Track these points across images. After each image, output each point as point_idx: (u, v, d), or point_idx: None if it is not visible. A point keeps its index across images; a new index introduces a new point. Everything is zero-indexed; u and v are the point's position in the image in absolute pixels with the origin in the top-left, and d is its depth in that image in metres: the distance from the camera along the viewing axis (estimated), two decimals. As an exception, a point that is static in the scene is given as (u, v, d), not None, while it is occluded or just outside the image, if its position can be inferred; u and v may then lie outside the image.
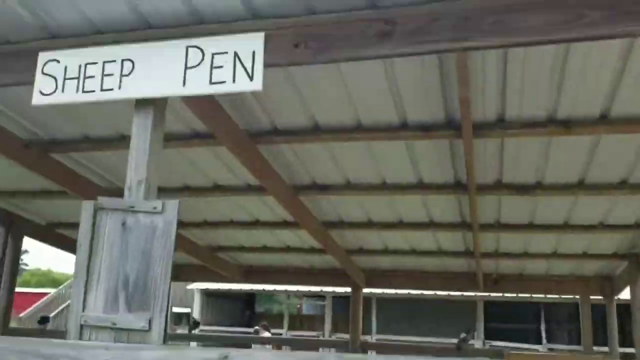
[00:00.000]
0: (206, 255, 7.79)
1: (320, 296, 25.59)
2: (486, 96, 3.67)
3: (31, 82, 3.13)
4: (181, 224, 6.73)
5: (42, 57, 3.13)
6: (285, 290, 23.41)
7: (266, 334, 15.32)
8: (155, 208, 2.75)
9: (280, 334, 22.18)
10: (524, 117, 3.86)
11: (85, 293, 2.66)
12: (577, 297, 8.36)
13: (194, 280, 12.14)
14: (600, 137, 4.03)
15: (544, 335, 19.34)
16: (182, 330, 22.17)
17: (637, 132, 3.87)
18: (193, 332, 15.01)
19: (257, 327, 16.68)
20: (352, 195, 5.44)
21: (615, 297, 7.89)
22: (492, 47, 2.76)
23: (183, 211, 6.46)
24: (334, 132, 4.23)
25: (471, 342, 16.33)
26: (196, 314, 23.61)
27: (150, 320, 2.55)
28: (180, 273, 8.72)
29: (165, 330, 2.56)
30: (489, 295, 18.28)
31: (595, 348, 8.46)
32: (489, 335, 19.61)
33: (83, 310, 2.63)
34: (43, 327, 10.54)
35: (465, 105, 3.44)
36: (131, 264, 2.67)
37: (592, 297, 8.03)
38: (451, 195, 5.29)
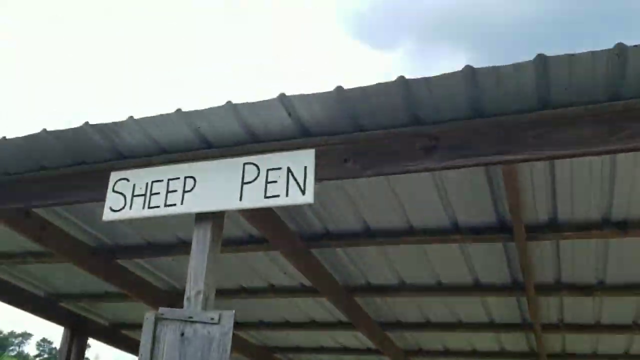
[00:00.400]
0: (262, 356, 7.73)
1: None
2: (537, 200, 3.69)
3: (103, 199, 3.42)
4: (237, 325, 6.80)
5: (114, 176, 3.44)
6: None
7: None
8: (212, 319, 2.87)
9: None
10: (577, 219, 3.83)
11: (144, 405, 2.75)
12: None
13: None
14: (660, 237, 3.92)
15: None
16: None
17: (700, 232, 3.75)
18: None
19: None
20: (408, 296, 5.40)
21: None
22: (533, 159, 2.84)
23: (240, 312, 6.54)
24: (386, 235, 4.30)
25: None
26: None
27: None
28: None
29: None
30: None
31: None
32: None
33: (141, 423, 2.70)
34: None
35: (516, 212, 3.47)
36: (188, 376, 2.75)
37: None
38: (510, 296, 5.16)
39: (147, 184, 3.35)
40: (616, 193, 3.52)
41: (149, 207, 3.28)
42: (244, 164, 3.22)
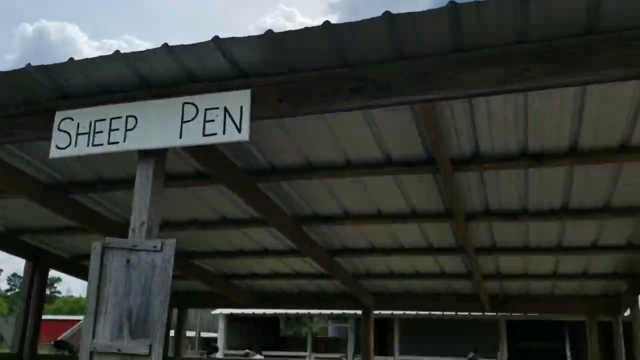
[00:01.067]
0: (220, 283, 8.16)
1: (344, 319, 25.74)
2: (459, 134, 3.99)
3: (49, 138, 3.58)
4: (194, 255, 7.16)
5: (58, 115, 3.58)
6: (308, 314, 23.67)
7: (257, 356, 17.02)
8: (155, 247, 3.14)
9: (304, 357, 22.51)
10: (497, 152, 4.16)
11: (95, 323, 3.05)
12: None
13: (211, 307, 12.51)
14: (573, 167, 4.30)
15: (568, 354, 19.19)
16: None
17: (607, 162, 4.13)
18: (211, 356, 15.55)
19: (247, 350, 18.02)
20: (352, 224, 5.77)
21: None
22: (448, 98, 3.12)
23: (195, 242, 6.89)
24: (327, 169, 4.59)
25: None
26: (221, 339, 23.96)
27: (150, 346, 2.92)
28: (197, 300, 9.10)
29: (165, 354, 2.93)
30: (511, 314, 18.30)
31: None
32: (513, 355, 19.52)
33: (93, 339, 3.01)
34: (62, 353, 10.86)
35: (437, 146, 3.77)
36: (134, 298, 3.05)
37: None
38: (444, 223, 5.57)
39: (90, 122, 3.51)
40: (530, 127, 3.83)
41: (93, 145, 3.46)
42: (184, 103, 3.40)
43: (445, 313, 18.89)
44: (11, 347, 7.30)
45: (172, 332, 9.87)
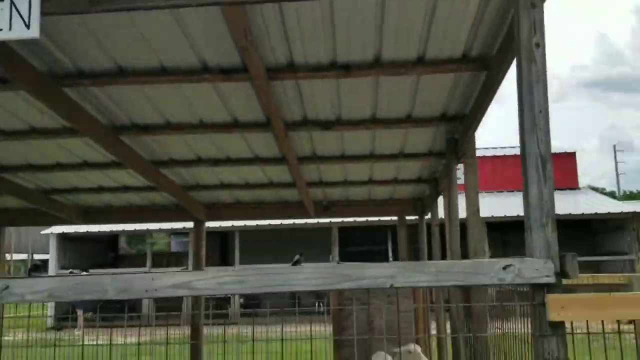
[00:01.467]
0: (39, 199, 7.67)
1: (185, 233, 25.76)
2: (272, 43, 4.04)
3: None
4: (4, 169, 6.61)
5: None
6: (147, 230, 23.31)
7: (83, 273, 19.04)
8: None
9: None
10: (309, 62, 4.30)
11: None
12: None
13: (32, 225, 11.70)
14: (378, 78, 4.60)
15: (390, 254, 21.36)
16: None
17: (406, 75, 4.48)
18: (33, 274, 14.99)
19: (71, 270, 19.47)
20: (174, 134, 5.68)
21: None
22: (250, 2, 3.11)
23: (3, 155, 6.35)
24: (140, 75, 4.41)
25: (303, 263, 18.01)
26: (52, 260, 22.83)
27: None
28: (15, 218, 8.50)
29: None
30: (342, 222, 19.72)
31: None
32: (343, 257, 21.24)
33: None
34: None
35: (248, 54, 3.80)
36: None
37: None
38: (267, 133, 5.71)
39: None
40: (337, 38, 4.00)
41: None
42: (-41, -7, 3.01)
43: (282, 223, 19.80)
44: None
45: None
